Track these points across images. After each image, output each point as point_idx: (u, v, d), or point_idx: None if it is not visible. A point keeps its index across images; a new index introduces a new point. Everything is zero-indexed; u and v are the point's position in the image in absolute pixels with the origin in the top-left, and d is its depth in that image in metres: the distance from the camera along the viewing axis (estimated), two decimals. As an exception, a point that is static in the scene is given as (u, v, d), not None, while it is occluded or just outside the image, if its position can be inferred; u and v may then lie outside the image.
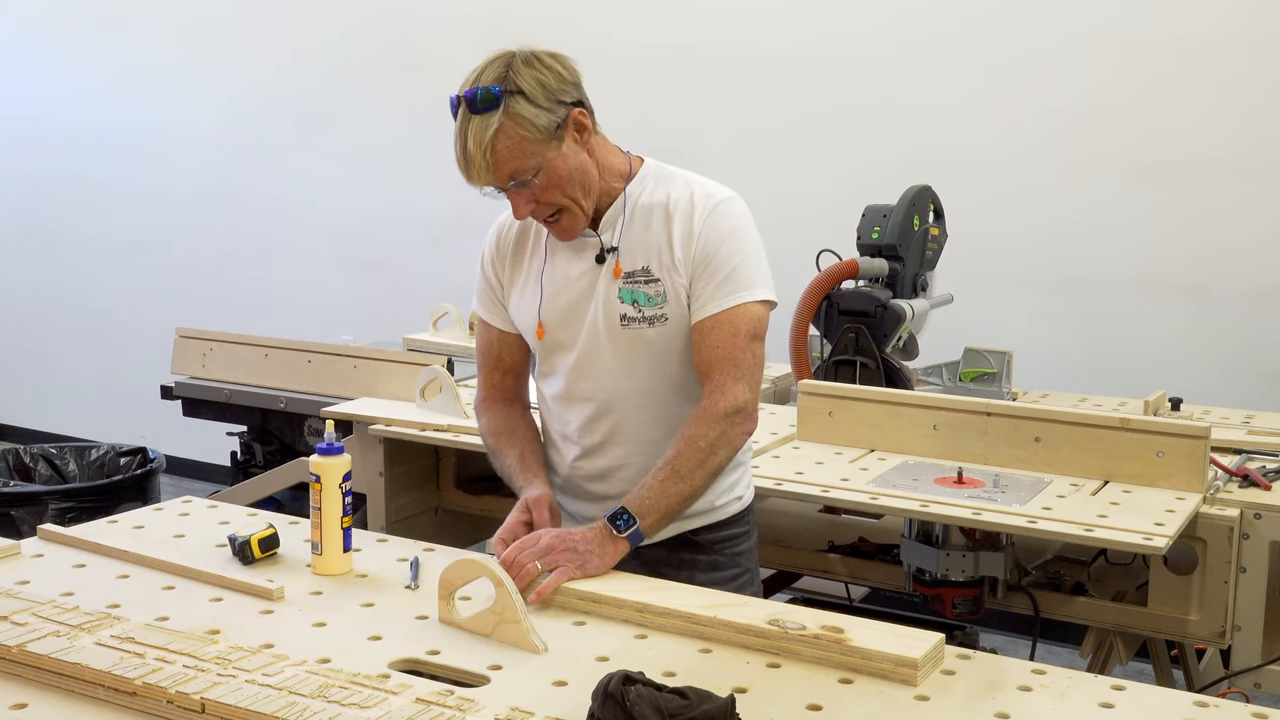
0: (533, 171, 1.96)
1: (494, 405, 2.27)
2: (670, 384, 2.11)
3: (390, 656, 1.68)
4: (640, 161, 2.13)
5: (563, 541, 1.92)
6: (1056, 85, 4.17)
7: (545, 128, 1.95)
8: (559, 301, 2.12)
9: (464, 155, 1.94)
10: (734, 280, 2.03)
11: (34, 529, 2.22)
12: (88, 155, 6.41)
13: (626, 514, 1.96)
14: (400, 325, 4.35)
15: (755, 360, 2.06)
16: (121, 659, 1.60)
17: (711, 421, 2.01)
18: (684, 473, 1.99)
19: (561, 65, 1.99)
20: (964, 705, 1.57)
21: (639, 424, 2.13)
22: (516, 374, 2.27)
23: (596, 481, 2.17)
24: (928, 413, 2.83)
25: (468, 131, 1.93)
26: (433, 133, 5.41)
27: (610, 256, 2.08)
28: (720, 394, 2.02)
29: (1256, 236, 3.95)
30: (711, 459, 2.01)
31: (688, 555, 2.18)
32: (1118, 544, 2.32)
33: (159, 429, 5.21)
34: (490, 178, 1.95)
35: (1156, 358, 4.06)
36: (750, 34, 4.67)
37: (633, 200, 2.09)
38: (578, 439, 2.17)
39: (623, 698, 1.42)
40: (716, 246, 2.04)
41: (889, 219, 3.35)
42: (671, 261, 2.05)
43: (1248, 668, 2.52)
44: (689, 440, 2.00)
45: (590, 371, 2.12)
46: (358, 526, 2.13)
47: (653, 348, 2.08)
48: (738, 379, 2.02)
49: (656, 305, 2.06)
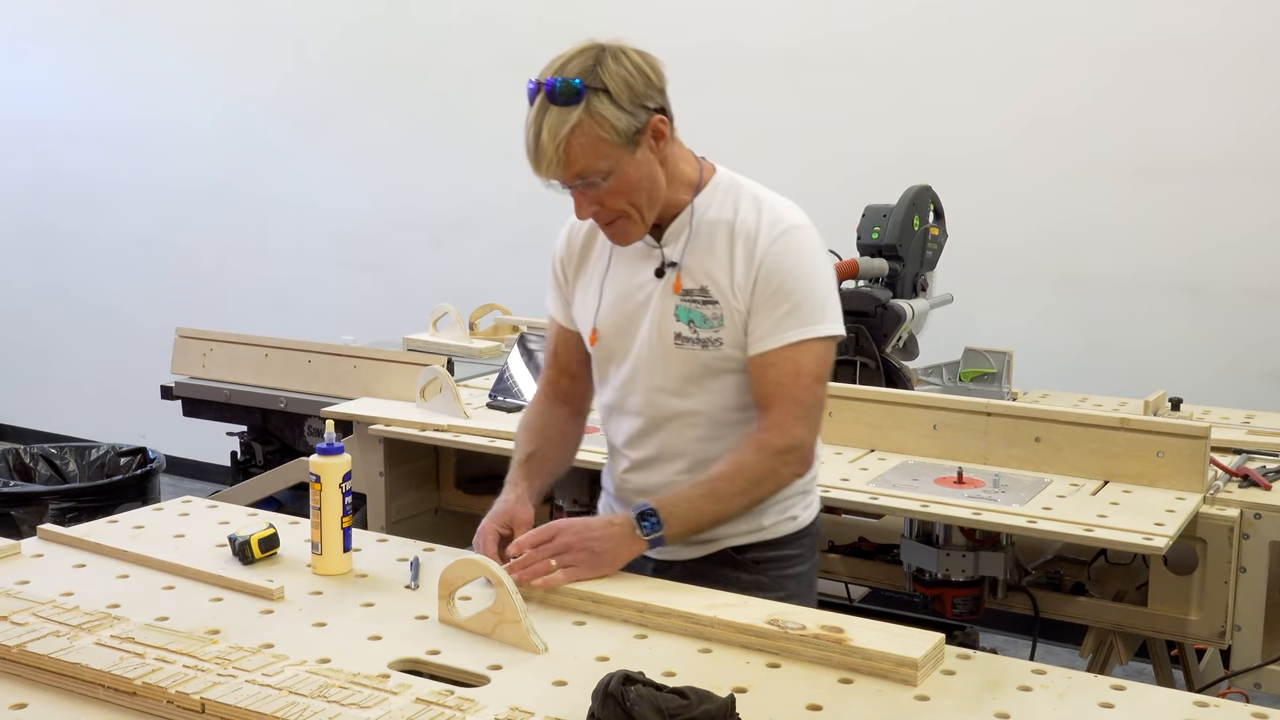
0: (604, 174, 1.89)
1: (541, 401, 2.24)
2: (722, 406, 2.04)
3: (390, 656, 1.68)
4: (711, 170, 2.06)
5: (580, 540, 1.89)
6: (1056, 85, 4.17)
7: (624, 131, 1.87)
8: (616, 311, 2.07)
9: (535, 145, 1.86)
10: (797, 315, 1.96)
11: (34, 529, 2.21)
12: (88, 154, 6.40)
13: (656, 517, 1.91)
14: (400, 325, 4.34)
15: (817, 401, 2.00)
16: (121, 659, 1.60)
17: (765, 455, 1.95)
18: (723, 497, 1.95)
19: (650, 67, 1.93)
20: (964, 705, 1.57)
21: (688, 443, 2.06)
22: (572, 375, 2.21)
23: (644, 497, 2.09)
24: (928, 413, 2.83)
25: (543, 121, 1.85)
26: (434, 133, 5.46)
27: (670, 271, 2.02)
28: (779, 431, 1.95)
29: (1257, 236, 3.95)
30: (755, 490, 1.97)
31: (730, 572, 2.06)
32: (1118, 544, 2.32)
33: (159, 429, 5.21)
34: (559, 173, 1.88)
35: (1156, 357, 4.06)
36: (750, 34, 4.67)
37: (699, 215, 2.01)
38: (627, 452, 2.13)
39: (623, 698, 1.42)
40: (780, 279, 1.95)
41: (889, 219, 3.35)
42: (731, 285, 1.98)
43: (1248, 668, 2.52)
44: (737, 466, 1.95)
45: (640, 386, 2.06)
46: (358, 526, 2.12)
47: (705, 369, 2.01)
48: (798, 419, 1.96)
49: (712, 328, 1.99)
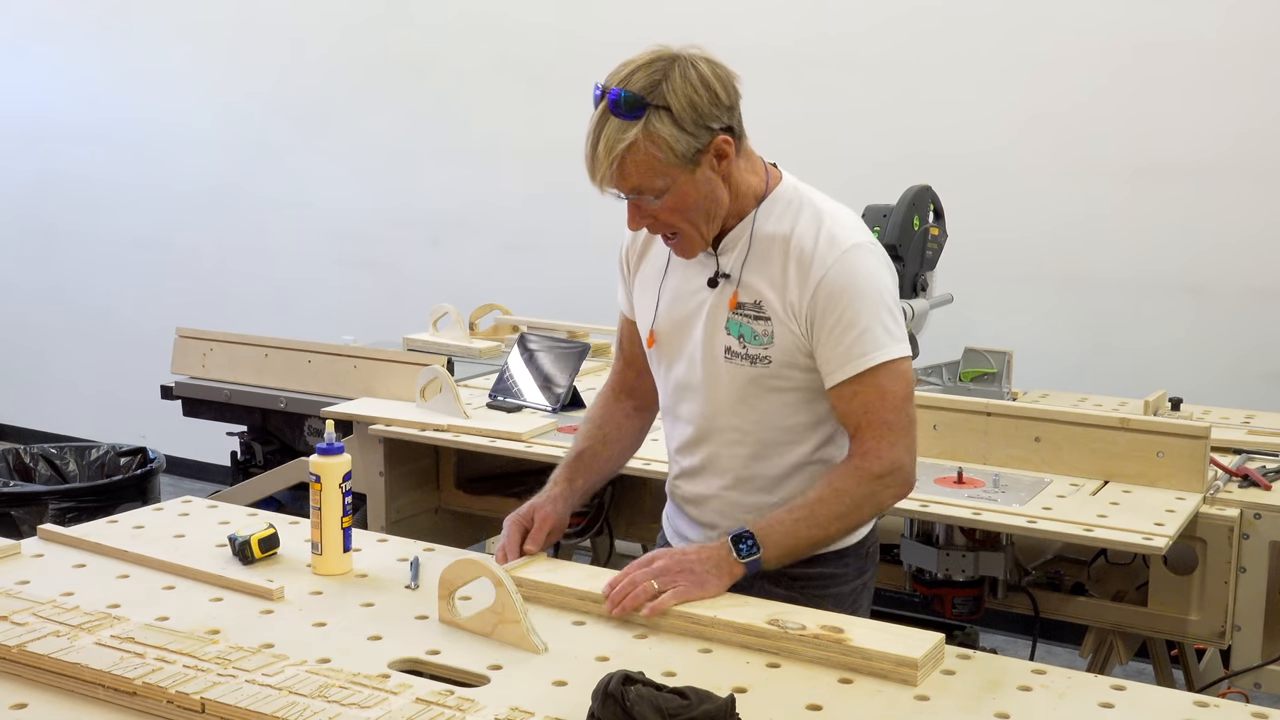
0: (659, 192, 1.86)
1: (606, 393, 2.23)
2: (769, 426, 2.00)
3: (390, 656, 1.68)
4: (778, 179, 2.01)
5: (678, 564, 1.84)
6: (1056, 85, 4.17)
7: (683, 153, 1.83)
8: (672, 314, 2.04)
9: (592, 155, 1.84)
10: (867, 340, 1.89)
11: (34, 529, 2.22)
12: (88, 154, 6.40)
13: (752, 540, 1.86)
14: (400, 325, 4.34)
15: (910, 420, 1.94)
16: (121, 659, 1.60)
17: (863, 480, 1.91)
18: (821, 521, 1.90)
19: (721, 84, 1.88)
20: (964, 705, 1.57)
21: (734, 459, 2.02)
22: (639, 370, 2.18)
23: (691, 505, 2.10)
24: (928, 413, 2.82)
25: (601, 132, 1.82)
26: (434, 132, 5.46)
27: (724, 283, 1.98)
28: (875, 457, 1.90)
29: (1257, 236, 3.95)
30: (854, 515, 1.94)
31: (767, 586, 1.97)
32: (1118, 544, 2.32)
33: (159, 429, 5.20)
34: (612, 184, 1.85)
35: (1156, 358, 4.05)
36: (748, 34, 4.66)
37: (758, 226, 1.97)
38: (678, 458, 2.11)
39: (623, 698, 1.42)
40: (843, 304, 1.89)
41: (889, 219, 3.34)
42: (784, 305, 1.93)
43: (1248, 668, 2.52)
44: (836, 492, 1.91)
45: (689, 395, 2.04)
46: (358, 526, 2.13)
47: (752, 386, 1.97)
48: (893, 443, 1.91)
49: (762, 345, 1.94)
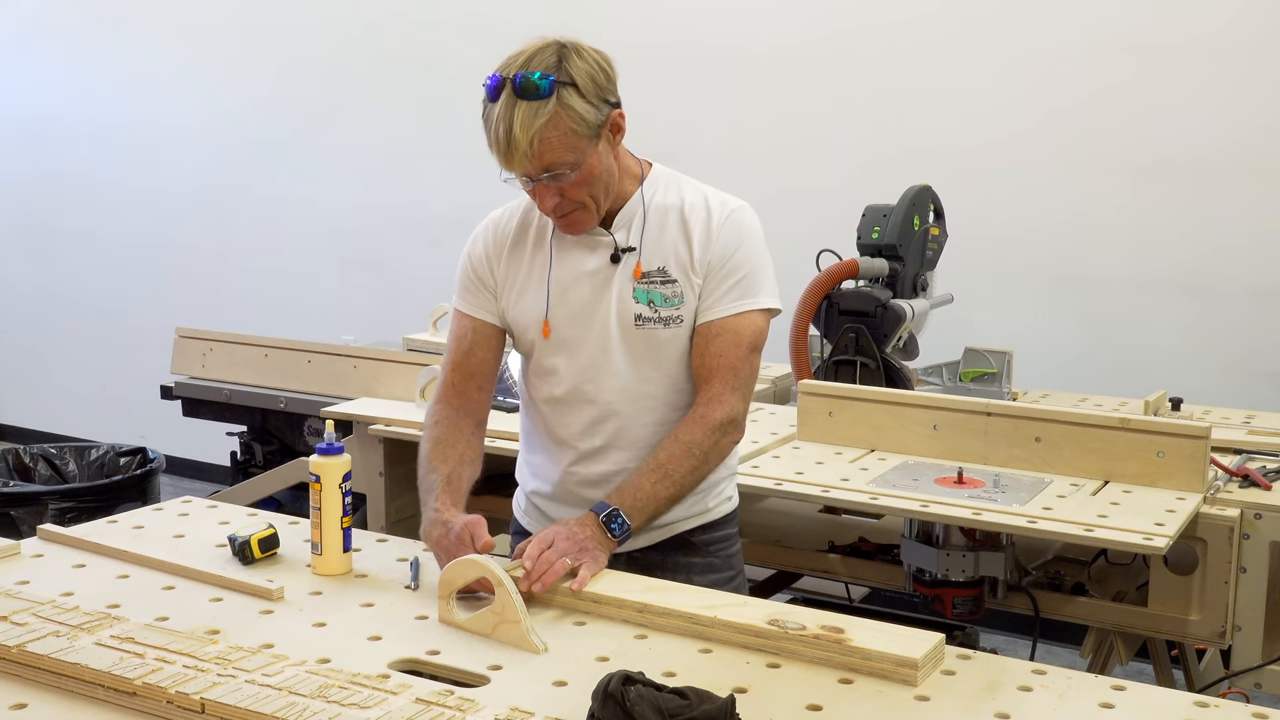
0: (571, 166, 1.94)
1: (447, 411, 2.15)
2: (674, 388, 2.11)
3: (390, 656, 1.68)
4: (649, 165, 2.14)
5: (574, 542, 1.91)
6: (1057, 84, 4.17)
7: (592, 124, 1.93)
8: (568, 300, 2.10)
9: (507, 139, 1.88)
10: (744, 286, 2.06)
11: (34, 529, 2.22)
12: (88, 154, 6.40)
13: (620, 517, 1.95)
14: (400, 325, 4.35)
15: (752, 371, 2.09)
16: (121, 659, 1.60)
17: (707, 430, 2.03)
18: (675, 477, 2.00)
19: (607, 62, 1.98)
20: (964, 705, 1.57)
21: (640, 428, 2.11)
22: (480, 382, 2.17)
23: (591, 488, 2.14)
24: (928, 413, 2.83)
25: (513, 116, 1.87)
26: (433, 133, 5.46)
27: (627, 256, 2.07)
28: (718, 403, 2.03)
29: (1257, 235, 3.95)
30: (703, 466, 2.04)
31: (683, 558, 2.16)
32: (1118, 544, 2.32)
33: (159, 429, 5.21)
34: (529, 166, 1.91)
35: (1156, 358, 4.06)
36: (748, 33, 4.67)
37: (648, 201, 2.09)
38: (576, 443, 2.14)
39: (623, 698, 1.42)
40: (732, 251, 2.05)
41: (889, 219, 3.35)
42: (690, 263, 2.06)
43: (1248, 668, 2.52)
44: (684, 445, 2.02)
45: (597, 373, 2.10)
46: (358, 526, 2.12)
47: (664, 349, 2.08)
48: (735, 389, 2.05)
49: (673, 306, 2.06)
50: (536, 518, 2.24)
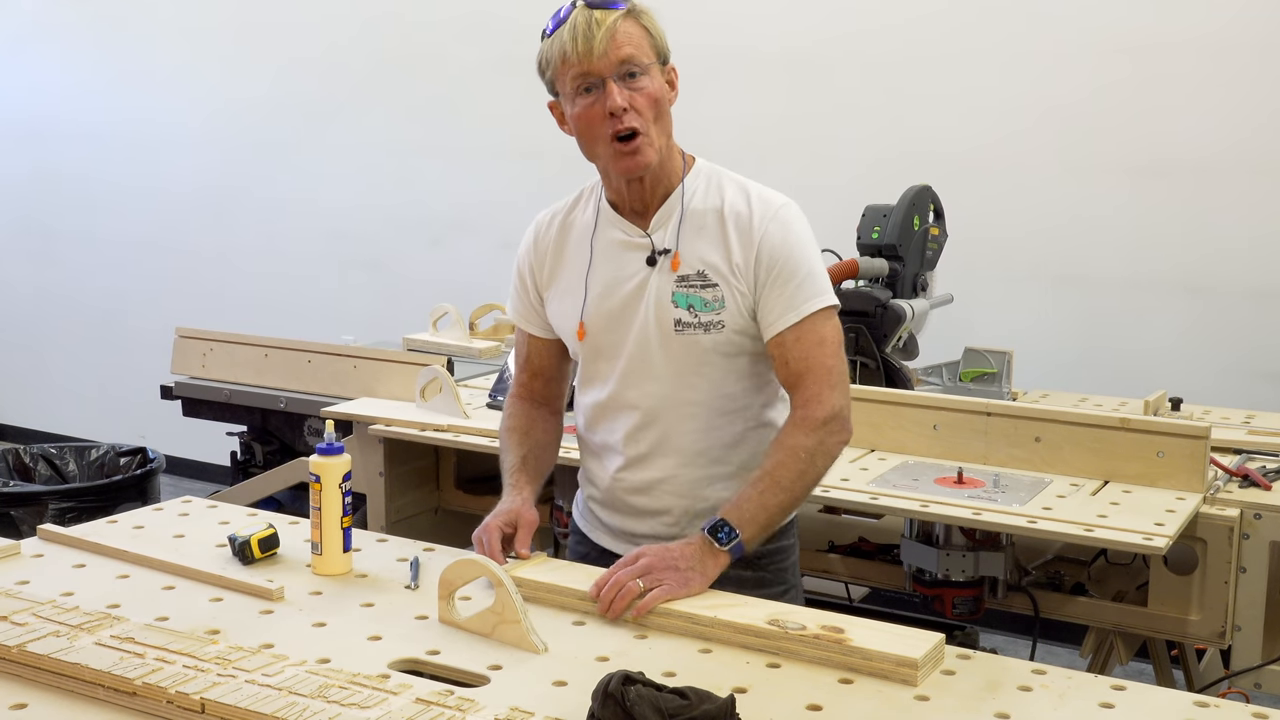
0: (644, 69, 1.94)
1: (520, 402, 2.23)
2: (721, 394, 2.05)
3: (390, 656, 1.68)
4: (693, 160, 2.08)
5: (662, 560, 1.85)
6: (1057, 84, 4.17)
7: (660, 46, 1.97)
8: (606, 304, 2.06)
9: (585, 34, 1.89)
10: (808, 287, 1.99)
11: (34, 529, 2.21)
12: (87, 154, 6.41)
13: (728, 526, 1.88)
14: (400, 325, 4.34)
15: (845, 368, 2.03)
16: (121, 659, 1.60)
17: (809, 430, 1.95)
18: (785, 484, 1.93)
19: None
20: (964, 705, 1.57)
21: (686, 435, 2.06)
22: (547, 378, 2.22)
23: (639, 495, 2.10)
24: (928, 413, 2.83)
25: (592, 14, 1.91)
26: (433, 132, 5.46)
27: (663, 259, 2.02)
28: (817, 403, 1.96)
29: (1257, 235, 3.95)
30: (811, 469, 1.95)
31: (733, 570, 1.95)
32: (1118, 544, 2.32)
33: (159, 429, 5.21)
34: (608, 58, 1.91)
35: (1156, 358, 4.06)
36: (750, 34, 4.67)
37: (686, 202, 2.04)
38: (622, 449, 2.10)
39: (623, 698, 1.42)
40: (784, 256, 1.99)
41: (889, 219, 3.35)
42: (730, 268, 2.00)
43: (1248, 668, 2.52)
44: (789, 450, 1.94)
45: (637, 379, 2.06)
46: (358, 526, 2.12)
47: (706, 355, 2.02)
48: (832, 386, 1.97)
49: (713, 311, 2.00)
50: (592, 522, 2.22)
